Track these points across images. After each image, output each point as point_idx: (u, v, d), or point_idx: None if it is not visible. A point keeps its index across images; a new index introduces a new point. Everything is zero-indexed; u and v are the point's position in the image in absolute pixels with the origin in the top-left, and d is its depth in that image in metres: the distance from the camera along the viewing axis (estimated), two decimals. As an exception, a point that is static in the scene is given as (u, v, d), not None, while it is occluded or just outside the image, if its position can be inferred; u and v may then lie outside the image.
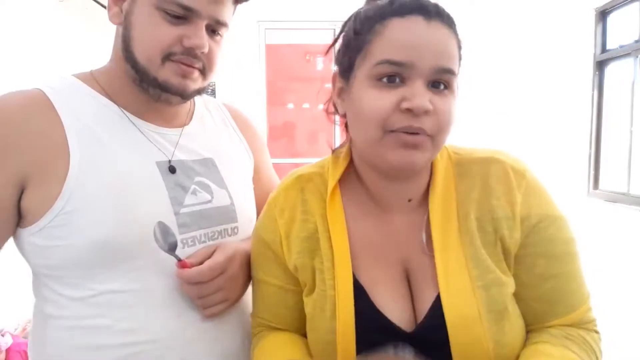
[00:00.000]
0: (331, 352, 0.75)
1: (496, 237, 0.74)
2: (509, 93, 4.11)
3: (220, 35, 0.88)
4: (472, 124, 3.90)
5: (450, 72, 0.68)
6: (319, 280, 0.78)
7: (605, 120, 3.39)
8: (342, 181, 0.81)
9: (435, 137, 0.69)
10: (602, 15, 3.37)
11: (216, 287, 0.84)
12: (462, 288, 0.72)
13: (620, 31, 3.27)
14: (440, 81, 0.69)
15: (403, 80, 0.68)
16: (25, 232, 0.81)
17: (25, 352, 2.32)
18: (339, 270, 0.76)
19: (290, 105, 5.68)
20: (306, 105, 5.66)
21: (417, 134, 0.68)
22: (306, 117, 5.65)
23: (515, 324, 0.75)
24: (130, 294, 0.81)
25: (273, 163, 1.15)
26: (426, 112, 0.67)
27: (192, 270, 0.81)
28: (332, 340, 0.75)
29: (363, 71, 0.70)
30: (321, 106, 0.84)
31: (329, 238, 0.78)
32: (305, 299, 0.81)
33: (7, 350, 2.34)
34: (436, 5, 0.70)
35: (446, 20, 0.70)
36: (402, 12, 0.68)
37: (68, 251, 0.79)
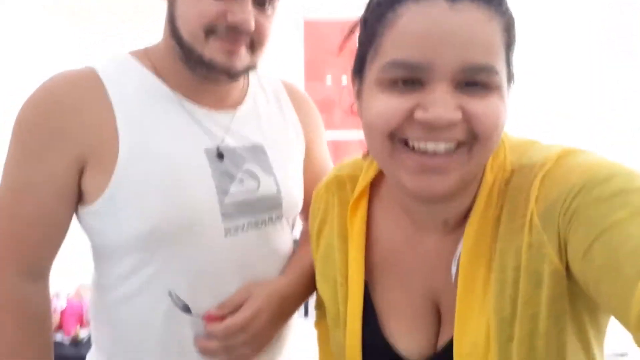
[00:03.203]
0: None
1: (539, 273, 0.54)
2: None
3: (273, 8, 0.84)
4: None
5: (487, 69, 0.51)
6: (334, 292, 0.73)
7: None
8: (378, 184, 0.72)
9: (473, 146, 0.53)
10: None
11: (241, 343, 0.82)
12: (475, 337, 0.58)
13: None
14: (475, 82, 0.52)
15: (423, 84, 0.52)
16: (82, 211, 0.84)
17: (80, 315, 2.40)
18: (351, 290, 0.68)
19: (329, 81, 5.65)
20: (344, 79, 5.58)
21: (437, 153, 0.52)
22: (345, 91, 5.58)
23: None
24: (174, 275, 0.82)
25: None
26: (450, 125, 0.51)
27: (220, 326, 0.81)
28: (345, 355, 0.70)
29: (373, 72, 0.56)
30: None
31: (346, 251, 0.70)
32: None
33: (62, 313, 2.37)
34: None
35: None
36: None
37: (116, 235, 0.82)
